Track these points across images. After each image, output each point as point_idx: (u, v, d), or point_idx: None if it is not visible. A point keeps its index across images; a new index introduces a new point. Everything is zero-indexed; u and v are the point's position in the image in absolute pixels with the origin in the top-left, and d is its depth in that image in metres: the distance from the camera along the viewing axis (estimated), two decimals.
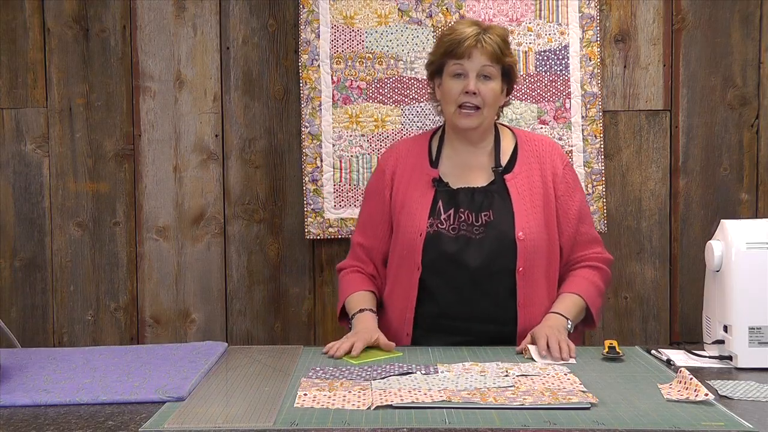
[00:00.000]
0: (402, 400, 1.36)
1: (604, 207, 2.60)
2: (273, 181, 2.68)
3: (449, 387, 1.44)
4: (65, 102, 2.67)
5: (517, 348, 1.78)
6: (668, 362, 1.67)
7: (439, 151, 2.03)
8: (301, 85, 2.60)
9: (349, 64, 2.60)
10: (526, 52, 2.58)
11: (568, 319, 1.86)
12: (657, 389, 1.45)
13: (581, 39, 2.59)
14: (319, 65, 2.59)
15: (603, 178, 2.59)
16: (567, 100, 2.59)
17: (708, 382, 1.51)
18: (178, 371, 1.56)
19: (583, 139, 2.59)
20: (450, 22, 2.56)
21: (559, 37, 2.59)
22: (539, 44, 2.57)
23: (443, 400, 1.36)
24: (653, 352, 1.75)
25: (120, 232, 2.69)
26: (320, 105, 2.60)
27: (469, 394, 1.40)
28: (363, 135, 2.60)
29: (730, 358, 1.66)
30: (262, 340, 2.70)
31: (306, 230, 2.62)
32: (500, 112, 2.08)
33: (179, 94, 2.67)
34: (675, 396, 1.39)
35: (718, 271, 1.70)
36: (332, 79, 2.60)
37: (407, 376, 1.52)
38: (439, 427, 1.25)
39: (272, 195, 2.69)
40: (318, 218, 2.61)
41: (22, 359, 1.68)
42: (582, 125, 2.59)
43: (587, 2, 2.58)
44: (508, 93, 2.03)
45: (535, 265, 1.91)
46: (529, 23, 2.58)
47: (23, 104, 2.67)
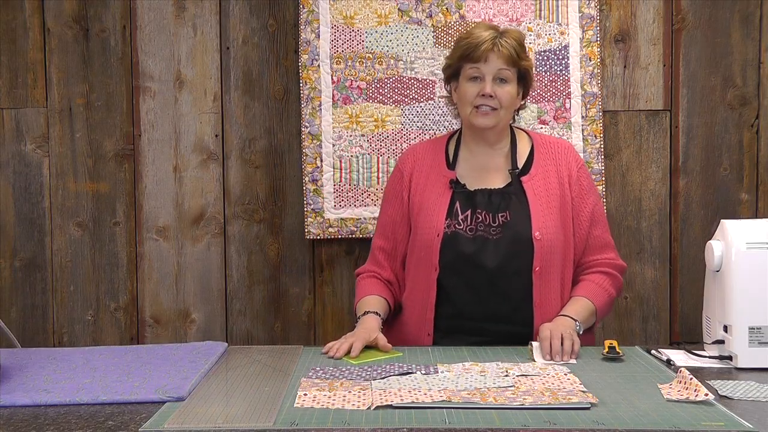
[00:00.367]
0: (402, 400, 1.36)
1: (604, 207, 2.59)
2: (273, 181, 2.68)
3: (449, 387, 1.44)
4: (65, 102, 2.67)
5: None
6: (668, 362, 1.67)
7: (456, 154, 2.05)
8: (301, 85, 2.60)
9: (349, 64, 2.60)
10: None
11: (576, 321, 1.86)
12: (657, 389, 1.45)
13: (581, 39, 2.59)
14: (319, 65, 2.59)
15: (603, 178, 2.59)
16: (567, 100, 2.59)
17: (708, 382, 1.51)
18: (178, 371, 1.56)
19: (583, 139, 2.59)
20: (450, 22, 2.57)
21: (559, 37, 2.59)
22: (539, 44, 2.57)
23: (443, 400, 1.36)
24: (653, 352, 1.75)
25: (120, 232, 2.69)
26: (320, 105, 2.60)
27: (469, 394, 1.40)
28: (363, 135, 2.60)
29: (730, 358, 1.66)
30: (262, 340, 2.70)
31: (306, 230, 2.62)
32: (516, 115, 2.10)
33: (179, 94, 2.67)
34: (675, 396, 1.39)
35: (718, 271, 1.71)
36: (332, 79, 2.60)
37: (407, 376, 1.52)
38: (439, 427, 1.25)
39: (272, 195, 2.69)
40: (318, 218, 2.61)
41: (22, 359, 1.68)
42: (582, 125, 2.59)
43: (587, 2, 2.58)
44: (524, 96, 2.05)
45: (551, 265, 1.93)
46: (529, 23, 2.58)
47: (23, 104, 2.67)
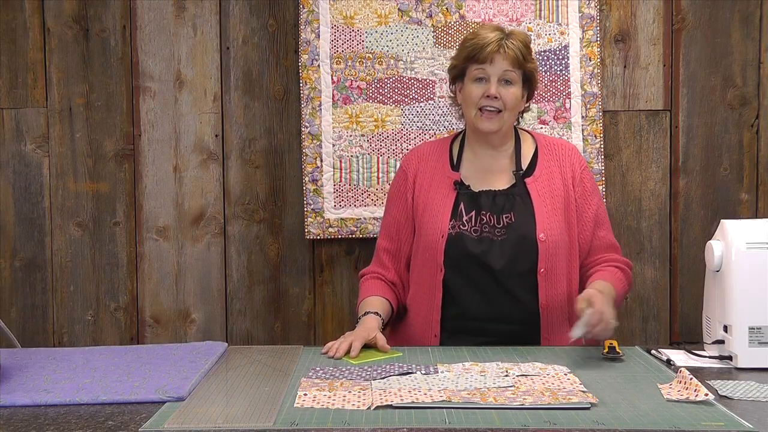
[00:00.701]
0: (402, 400, 1.36)
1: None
2: (273, 181, 2.68)
3: (449, 387, 1.44)
4: (65, 102, 2.67)
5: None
6: (668, 362, 1.67)
7: (460, 155, 2.05)
8: (301, 85, 2.60)
9: (349, 64, 2.60)
10: None
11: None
12: (657, 389, 1.45)
13: (581, 39, 2.59)
14: (319, 65, 2.59)
15: (603, 178, 2.59)
16: (567, 100, 2.59)
17: (708, 382, 1.51)
18: (178, 371, 1.56)
19: (583, 139, 2.59)
20: (450, 22, 2.57)
21: (559, 37, 2.59)
22: (539, 44, 2.57)
23: (443, 400, 1.36)
24: (653, 352, 1.75)
25: (120, 232, 2.69)
26: (320, 105, 2.60)
27: (469, 394, 1.40)
28: (363, 135, 2.60)
29: (730, 358, 1.66)
30: (262, 340, 2.70)
31: (306, 230, 2.62)
32: (520, 117, 2.10)
33: (179, 94, 2.67)
34: (675, 396, 1.39)
35: (718, 271, 1.70)
36: (332, 79, 2.60)
37: (407, 376, 1.52)
38: (439, 427, 1.25)
39: (272, 195, 2.69)
40: (318, 218, 2.61)
41: (22, 359, 1.68)
42: (582, 125, 2.59)
43: (587, 2, 2.58)
44: (528, 99, 2.05)
45: (556, 266, 1.93)
46: (529, 23, 2.58)
47: (23, 104, 2.67)
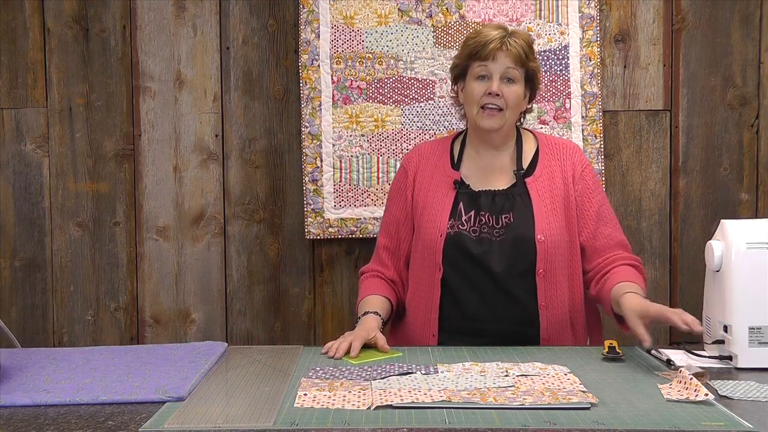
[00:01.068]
0: (402, 400, 1.36)
1: None
2: (273, 181, 2.68)
3: (449, 387, 1.44)
4: (65, 102, 2.67)
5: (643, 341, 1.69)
6: (668, 362, 1.67)
7: (461, 154, 2.04)
8: (301, 85, 2.60)
9: (349, 64, 2.60)
10: None
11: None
12: (657, 389, 1.45)
13: (581, 39, 2.59)
14: (319, 65, 2.59)
15: (603, 178, 2.59)
16: (567, 100, 2.59)
17: (708, 382, 1.51)
18: (178, 371, 1.56)
19: (583, 139, 2.59)
20: (450, 22, 2.57)
21: (559, 37, 2.59)
22: (539, 44, 2.57)
23: (443, 400, 1.36)
24: (653, 352, 1.75)
25: (120, 232, 2.69)
26: (320, 105, 2.60)
27: (469, 394, 1.40)
28: (363, 135, 2.60)
29: (730, 358, 1.66)
30: (262, 340, 2.70)
31: (306, 230, 2.62)
32: (522, 117, 2.08)
33: (179, 94, 2.67)
34: (675, 396, 1.39)
35: (718, 271, 1.70)
36: (332, 79, 2.60)
37: (407, 376, 1.52)
38: (439, 427, 1.25)
39: (272, 195, 2.69)
40: (318, 218, 2.61)
41: (22, 359, 1.68)
42: (582, 125, 2.59)
43: (587, 2, 2.58)
44: (530, 99, 2.03)
45: (555, 267, 1.91)
46: (529, 23, 2.58)
47: (23, 104, 2.67)
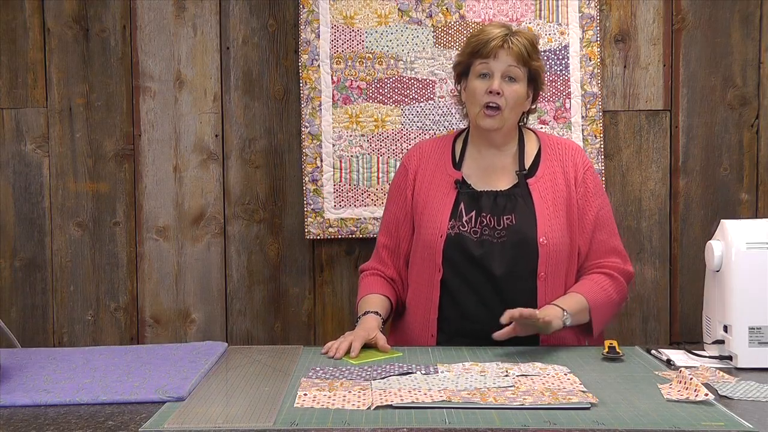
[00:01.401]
0: (402, 400, 1.36)
1: None
2: (273, 181, 2.68)
3: (449, 387, 1.44)
4: (65, 102, 2.67)
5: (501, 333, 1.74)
6: (668, 362, 1.67)
7: (462, 153, 2.03)
8: (301, 85, 2.60)
9: (349, 64, 2.60)
10: None
11: (564, 310, 1.82)
12: (657, 389, 1.45)
13: (581, 39, 2.59)
14: (319, 65, 2.59)
15: (603, 178, 2.59)
16: (567, 100, 2.59)
17: (708, 382, 1.51)
18: (178, 371, 1.56)
19: (583, 139, 2.59)
20: (450, 22, 2.57)
21: (559, 37, 2.59)
22: (539, 44, 2.57)
23: (443, 400, 1.36)
24: (653, 352, 1.75)
25: (120, 232, 2.69)
26: (320, 105, 2.60)
27: (469, 394, 1.40)
28: (363, 135, 2.60)
29: (730, 358, 1.66)
30: (262, 340, 2.70)
31: (306, 230, 2.62)
32: (525, 117, 2.07)
33: (179, 94, 2.67)
34: (675, 396, 1.39)
35: (718, 271, 1.70)
36: (332, 79, 2.60)
37: (407, 376, 1.52)
38: (439, 427, 1.25)
39: (272, 195, 2.69)
40: (318, 218, 2.61)
41: (22, 359, 1.68)
42: (582, 125, 2.59)
43: (587, 2, 2.58)
44: (533, 99, 2.02)
45: (556, 270, 1.90)
46: (529, 23, 2.58)
47: (23, 104, 2.67)
